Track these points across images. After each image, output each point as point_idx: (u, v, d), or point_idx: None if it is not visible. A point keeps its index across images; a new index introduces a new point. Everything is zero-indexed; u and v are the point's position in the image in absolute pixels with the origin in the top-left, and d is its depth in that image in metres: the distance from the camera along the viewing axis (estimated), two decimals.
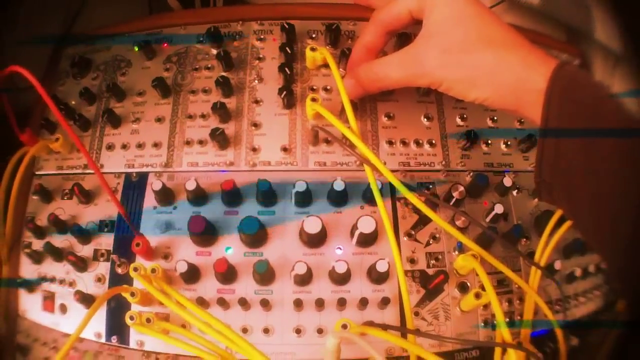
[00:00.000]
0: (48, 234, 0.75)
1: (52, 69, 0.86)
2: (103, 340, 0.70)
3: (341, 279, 0.67)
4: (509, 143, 0.76)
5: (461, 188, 0.70)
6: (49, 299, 0.74)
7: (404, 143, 0.74)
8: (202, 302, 0.67)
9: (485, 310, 0.69)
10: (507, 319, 0.69)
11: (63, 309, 0.72)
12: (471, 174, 0.74)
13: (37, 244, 0.75)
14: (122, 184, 0.75)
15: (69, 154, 0.78)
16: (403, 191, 0.65)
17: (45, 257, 0.74)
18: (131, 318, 0.64)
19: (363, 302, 0.66)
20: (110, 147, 0.77)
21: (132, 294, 0.67)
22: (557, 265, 0.73)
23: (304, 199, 0.70)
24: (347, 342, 0.58)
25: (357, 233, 0.67)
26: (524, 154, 0.77)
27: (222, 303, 0.67)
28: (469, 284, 0.69)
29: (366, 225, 0.66)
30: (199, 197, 0.71)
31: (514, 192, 0.74)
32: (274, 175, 0.70)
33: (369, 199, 0.70)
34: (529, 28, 0.89)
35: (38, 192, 0.76)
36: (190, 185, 0.69)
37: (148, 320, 0.66)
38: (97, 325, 0.70)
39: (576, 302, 0.77)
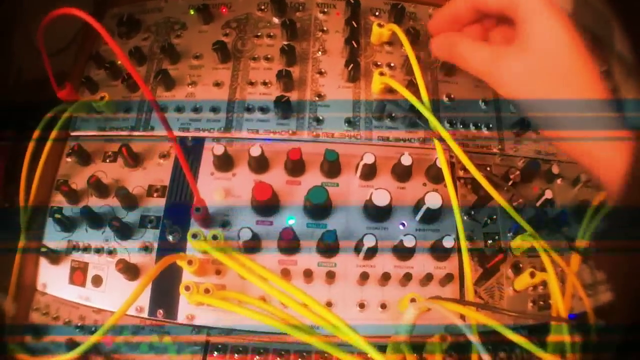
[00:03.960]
0: (83, 198, 0.65)
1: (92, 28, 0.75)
2: (145, 314, 0.60)
3: (406, 254, 0.60)
4: None
5: (517, 172, 0.65)
6: (79, 270, 0.63)
7: (464, 124, 0.67)
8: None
9: (534, 290, 0.63)
10: (542, 302, 0.65)
11: (97, 281, 0.61)
12: (523, 159, 0.68)
13: (69, 210, 0.64)
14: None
15: (113, 114, 0.68)
16: (471, 169, 0.59)
17: (79, 224, 0.63)
18: (187, 288, 0.55)
19: (428, 278, 0.59)
20: (162, 110, 0.67)
21: (190, 262, 0.58)
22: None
23: (370, 172, 0.62)
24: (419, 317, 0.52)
25: (424, 208, 0.59)
26: None
27: (286, 274, 0.58)
28: (521, 264, 0.63)
29: (434, 201, 0.59)
30: (262, 164, 0.62)
31: (558, 180, 0.69)
32: (337, 147, 0.62)
33: (432, 176, 0.63)
34: None
35: (75, 152, 0.65)
36: (255, 152, 0.61)
37: (207, 290, 0.57)
38: (141, 299, 0.60)
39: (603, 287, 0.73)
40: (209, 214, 0.61)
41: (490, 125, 0.68)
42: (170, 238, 0.62)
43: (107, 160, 0.66)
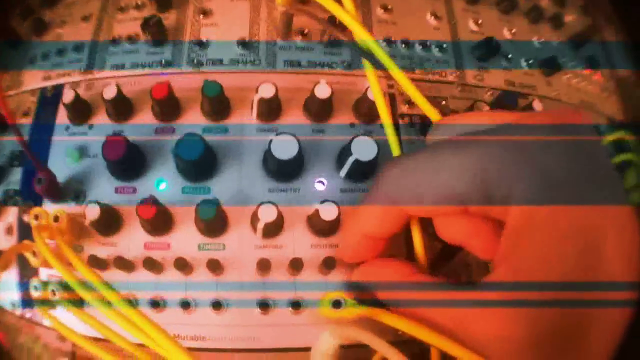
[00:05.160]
0: None
1: None
2: (19, 312, 0.28)
3: (327, 229, 0.25)
4: (530, 62, 0.34)
5: (486, 107, 0.30)
6: None
7: (406, 44, 0.31)
8: (123, 265, 0.25)
9: None
10: None
11: None
12: (491, 91, 0.32)
13: None
14: (37, 103, 0.31)
15: None
16: (417, 97, 0.24)
17: None
18: (35, 288, 0.24)
19: (360, 263, 0.25)
20: (32, 61, 0.32)
21: (34, 254, 0.25)
22: None
23: (271, 110, 0.27)
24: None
25: (350, 160, 0.25)
26: (547, 77, 0.34)
27: (152, 265, 0.25)
28: None
29: (365, 150, 0.25)
30: (122, 110, 0.28)
31: None
32: (228, 78, 0.27)
33: (363, 113, 0.28)
34: None
35: None
36: (109, 93, 0.26)
37: (53, 292, 0.24)
38: (12, 292, 0.28)
39: None
40: (57, 184, 0.27)
41: (444, 46, 0.32)
42: (26, 218, 0.29)
43: None
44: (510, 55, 0.33)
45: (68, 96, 0.28)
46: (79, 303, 0.26)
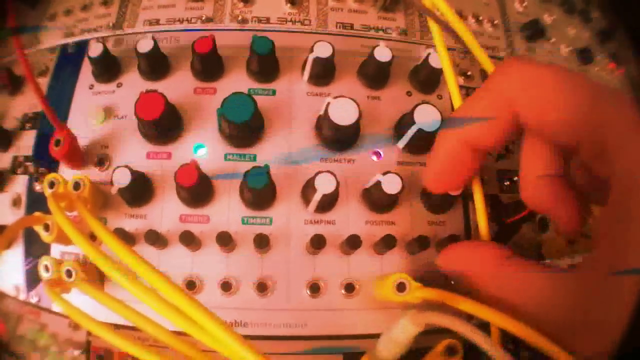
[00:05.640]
0: None
1: None
2: (23, 297, 0.23)
3: (386, 204, 0.22)
4: (569, 49, 0.31)
5: None
6: None
7: (461, 15, 0.28)
8: (156, 239, 0.21)
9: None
10: None
11: None
12: None
13: None
14: (56, 60, 0.27)
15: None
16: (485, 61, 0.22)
17: None
18: (46, 269, 0.19)
19: (421, 242, 0.21)
20: (52, 17, 0.28)
21: (46, 227, 0.20)
22: None
23: (325, 73, 0.23)
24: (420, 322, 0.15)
25: (413, 129, 0.22)
26: (582, 66, 0.32)
27: (190, 240, 0.21)
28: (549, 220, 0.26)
29: (427, 118, 0.22)
30: (158, 66, 0.24)
31: None
32: (275, 37, 0.23)
33: (420, 81, 0.24)
34: None
35: None
36: (145, 46, 0.23)
37: (69, 273, 0.20)
38: (16, 274, 0.23)
39: None
40: (78, 147, 0.23)
41: (495, 22, 0.29)
42: (38, 187, 0.25)
43: None
44: (553, 40, 0.31)
45: (95, 50, 0.24)
46: (99, 285, 0.23)
